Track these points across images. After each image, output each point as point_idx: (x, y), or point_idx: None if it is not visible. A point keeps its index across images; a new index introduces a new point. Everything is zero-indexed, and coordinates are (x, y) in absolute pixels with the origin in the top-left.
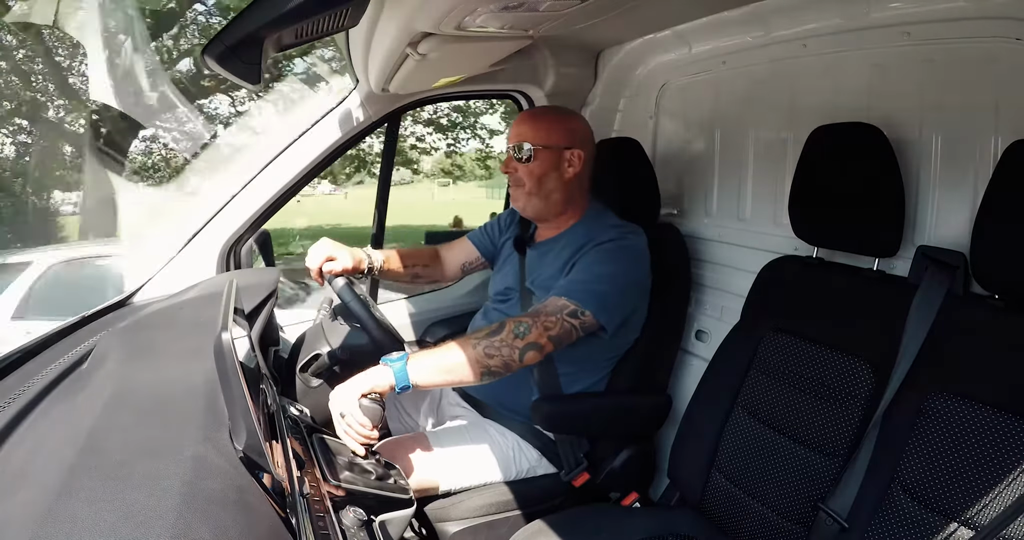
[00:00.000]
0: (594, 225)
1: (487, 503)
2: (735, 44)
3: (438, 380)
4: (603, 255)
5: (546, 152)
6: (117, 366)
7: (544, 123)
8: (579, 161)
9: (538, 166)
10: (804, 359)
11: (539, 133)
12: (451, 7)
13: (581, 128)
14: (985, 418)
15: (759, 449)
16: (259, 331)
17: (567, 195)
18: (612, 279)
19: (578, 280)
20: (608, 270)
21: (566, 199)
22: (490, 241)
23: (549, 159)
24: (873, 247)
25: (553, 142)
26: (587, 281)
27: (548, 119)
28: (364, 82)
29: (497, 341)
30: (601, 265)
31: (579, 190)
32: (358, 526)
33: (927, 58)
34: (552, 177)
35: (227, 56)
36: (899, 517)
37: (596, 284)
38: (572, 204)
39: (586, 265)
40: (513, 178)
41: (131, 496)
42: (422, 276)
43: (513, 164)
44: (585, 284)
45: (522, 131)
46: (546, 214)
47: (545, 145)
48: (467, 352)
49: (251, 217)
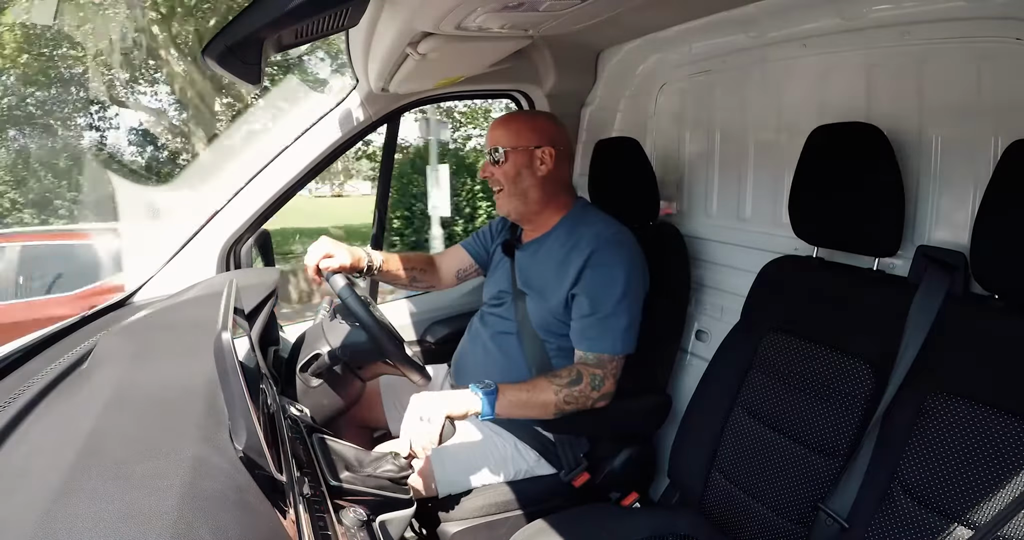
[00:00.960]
0: (580, 223)
1: (487, 503)
2: (735, 44)
3: (516, 414)
4: (609, 274)
5: (516, 152)
6: (117, 366)
7: (513, 126)
8: (551, 158)
9: (511, 166)
10: (804, 359)
11: (509, 135)
12: (451, 7)
13: (550, 127)
14: (985, 418)
15: (759, 449)
16: (259, 331)
17: (544, 193)
18: (628, 305)
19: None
20: (619, 290)
21: (544, 197)
22: (483, 247)
23: (520, 159)
24: (873, 247)
25: (523, 142)
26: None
27: (517, 122)
28: (364, 82)
29: (576, 391)
30: (612, 286)
31: (558, 187)
32: (358, 526)
33: (927, 58)
34: (525, 175)
35: (227, 56)
36: (899, 517)
37: (623, 318)
38: (553, 201)
39: (599, 294)
40: (491, 182)
41: (131, 496)
42: (420, 280)
43: (489, 168)
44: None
45: (494, 136)
46: (527, 213)
47: (515, 146)
48: (548, 396)
49: (251, 217)
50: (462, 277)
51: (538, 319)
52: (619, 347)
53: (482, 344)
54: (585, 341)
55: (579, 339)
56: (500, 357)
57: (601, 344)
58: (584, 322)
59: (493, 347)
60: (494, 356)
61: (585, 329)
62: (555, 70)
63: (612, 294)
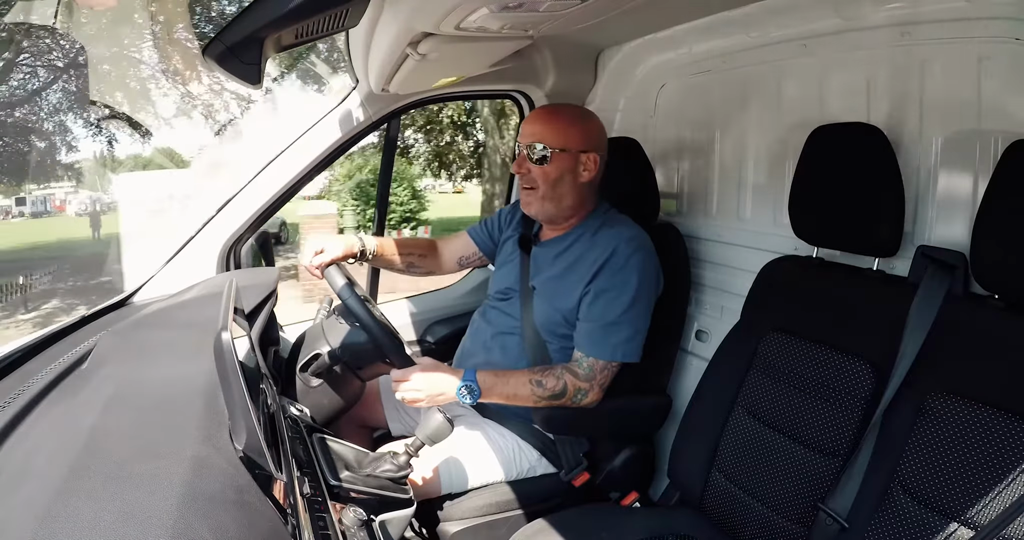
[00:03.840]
0: (603, 225)
1: (487, 503)
2: (735, 44)
3: (499, 402)
4: (623, 280)
5: (563, 155)
6: (117, 366)
7: (561, 124)
8: (595, 165)
9: (554, 169)
10: (804, 359)
11: (556, 134)
12: (451, 7)
13: (598, 130)
14: (985, 418)
15: (759, 449)
16: (259, 331)
17: (579, 198)
18: (635, 314)
19: (620, 334)
20: (629, 298)
21: (577, 203)
22: (489, 237)
23: (565, 162)
24: (873, 247)
25: (571, 145)
26: (622, 327)
27: (565, 119)
28: (364, 82)
29: (557, 403)
30: (623, 292)
31: (592, 193)
32: (358, 526)
33: (927, 58)
34: (566, 181)
35: (227, 56)
36: (899, 517)
37: (630, 328)
38: (583, 208)
39: (609, 299)
40: (525, 179)
41: (131, 496)
42: (418, 265)
43: (526, 165)
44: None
45: (537, 130)
46: (557, 217)
47: (562, 147)
48: (530, 402)
49: (251, 217)
50: (464, 264)
51: (543, 319)
52: (618, 355)
53: (483, 343)
54: (586, 344)
55: (580, 340)
56: (501, 358)
57: (600, 350)
58: (589, 325)
59: (495, 346)
60: (495, 356)
61: (589, 332)
62: (555, 70)
63: (622, 301)
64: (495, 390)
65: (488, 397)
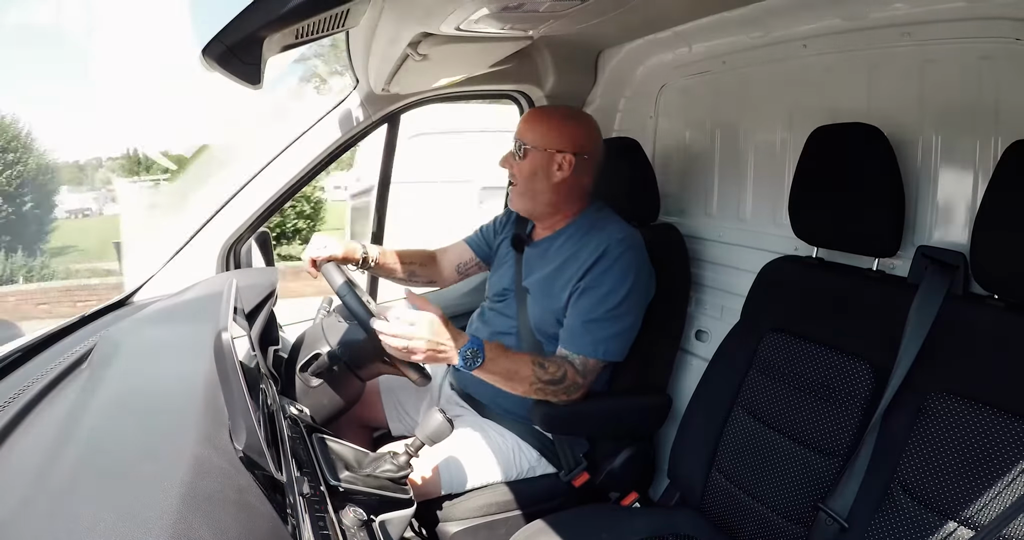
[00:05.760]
0: (594, 224)
1: (487, 503)
2: (735, 44)
3: (485, 379)
4: (612, 279)
5: (536, 153)
6: (117, 366)
7: (543, 124)
8: (569, 166)
9: (527, 165)
10: (804, 359)
11: (535, 133)
12: (451, 7)
13: (584, 132)
14: (985, 418)
15: (759, 449)
16: (259, 331)
17: (556, 198)
18: (623, 312)
19: (600, 332)
20: (617, 297)
21: (556, 202)
22: (485, 242)
23: (538, 160)
24: (873, 247)
25: (545, 144)
26: (604, 324)
27: (549, 120)
28: (364, 82)
29: (550, 390)
30: (612, 291)
31: (573, 195)
32: (358, 526)
33: (927, 58)
34: (540, 178)
35: (227, 56)
36: (899, 517)
37: (612, 326)
38: (565, 207)
39: (597, 297)
40: (510, 174)
41: (131, 496)
42: (419, 275)
43: (510, 160)
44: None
45: (521, 128)
46: (536, 213)
47: (536, 146)
48: (524, 386)
49: (251, 217)
50: (463, 272)
51: (537, 320)
52: (599, 352)
53: None
54: (567, 340)
55: (563, 336)
56: None
57: (581, 346)
58: (572, 321)
59: None
60: None
61: (571, 328)
62: (555, 70)
63: (610, 299)
64: (499, 362)
65: (490, 368)
